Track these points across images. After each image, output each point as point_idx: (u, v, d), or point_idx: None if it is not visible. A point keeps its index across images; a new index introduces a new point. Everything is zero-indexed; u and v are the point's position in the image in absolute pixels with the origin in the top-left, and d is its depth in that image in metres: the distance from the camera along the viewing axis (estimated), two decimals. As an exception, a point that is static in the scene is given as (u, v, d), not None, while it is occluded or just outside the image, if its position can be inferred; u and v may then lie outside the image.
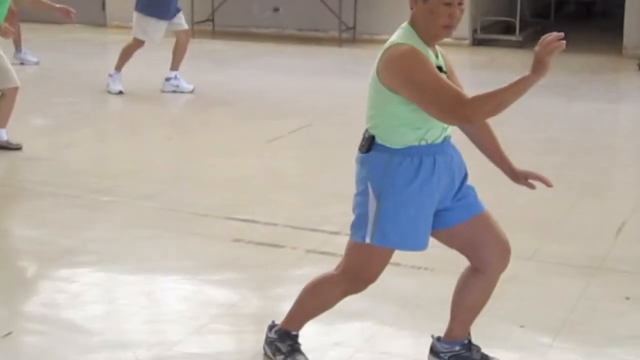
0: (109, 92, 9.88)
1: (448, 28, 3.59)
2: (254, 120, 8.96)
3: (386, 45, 3.65)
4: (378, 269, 3.83)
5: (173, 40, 10.12)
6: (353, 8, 13.56)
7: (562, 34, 3.39)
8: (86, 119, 9.08)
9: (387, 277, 3.98)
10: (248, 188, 6.78)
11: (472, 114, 3.50)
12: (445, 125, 3.66)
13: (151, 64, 10.73)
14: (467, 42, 13.34)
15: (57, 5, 8.11)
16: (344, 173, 6.84)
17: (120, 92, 9.86)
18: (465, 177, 3.85)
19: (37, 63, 11.67)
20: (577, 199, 6.65)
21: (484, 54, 13.11)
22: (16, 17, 11.69)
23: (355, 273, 3.85)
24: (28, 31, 13.22)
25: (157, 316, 4.72)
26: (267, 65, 12.03)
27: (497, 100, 3.48)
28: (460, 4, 3.60)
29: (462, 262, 3.97)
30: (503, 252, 3.85)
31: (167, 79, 10.09)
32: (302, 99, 9.95)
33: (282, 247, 5.60)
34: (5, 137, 7.68)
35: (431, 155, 3.67)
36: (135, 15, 9.90)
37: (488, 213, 3.86)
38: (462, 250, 3.91)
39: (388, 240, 3.72)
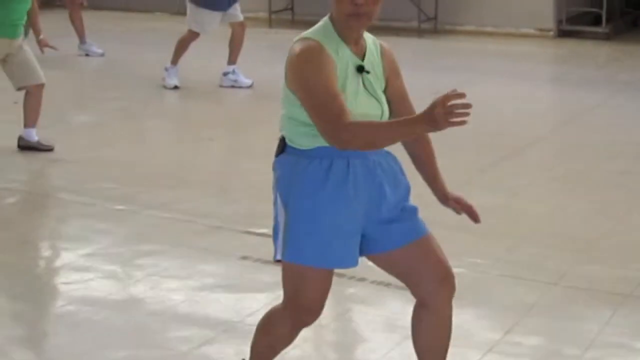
0: (165, 87, 9.56)
1: (354, 17, 3.13)
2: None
3: (295, 38, 3.21)
4: (315, 294, 3.34)
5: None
6: (435, -4, 12.92)
7: (469, 104, 2.88)
8: (132, 117, 8.79)
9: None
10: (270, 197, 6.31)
11: (348, 140, 3.06)
12: None
13: (215, 55, 10.32)
14: (551, 33, 12.56)
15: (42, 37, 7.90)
16: None
17: (176, 87, 9.54)
18: (404, 193, 3.36)
19: (102, 55, 11.44)
20: (626, 212, 6.00)
21: (568, 47, 12.30)
22: (77, 7, 11.55)
23: (294, 302, 3.38)
24: (101, 20, 13.12)
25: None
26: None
27: (378, 135, 3.06)
28: None
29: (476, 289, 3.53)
30: (442, 278, 3.37)
31: (225, 74, 9.73)
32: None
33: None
34: (35, 138, 7.43)
35: (344, 157, 3.20)
36: (189, 6, 9.59)
37: (428, 238, 3.37)
38: (401, 279, 3.46)
39: (302, 256, 3.25)
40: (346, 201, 3.23)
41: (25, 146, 7.43)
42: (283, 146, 3.29)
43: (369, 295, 4.80)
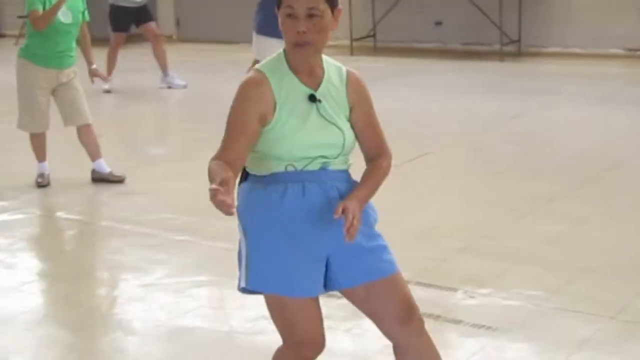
0: None
1: (298, 46, 3.09)
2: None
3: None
4: (305, 324, 3.26)
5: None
6: (517, 19, 12.66)
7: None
8: (207, 149, 8.71)
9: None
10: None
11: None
12: (327, 153, 3.16)
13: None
14: None
15: (93, 66, 7.89)
16: (441, 210, 6.48)
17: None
18: (369, 222, 3.27)
19: (184, 87, 11.55)
20: None
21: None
22: (160, 40, 11.69)
23: (288, 337, 3.31)
24: (187, 52, 13.27)
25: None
26: (419, 82, 11.40)
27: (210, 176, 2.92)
28: (311, 16, 3.05)
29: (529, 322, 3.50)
30: (404, 319, 3.25)
31: None
32: (438, 121, 9.29)
33: (333, 296, 5.03)
34: (107, 169, 7.53)
35: (300, 182, 3.15)
36: (254, 36, 9.58)
37: (392, 277, 3.25)
38: (369, 318, 3.35)
39: (264, 284, 3.19)
40: (301, 228, 3.16)
41: (98, 178, 7.53)
42: (245, 174, 3.26)
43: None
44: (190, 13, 15.58)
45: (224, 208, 2.74)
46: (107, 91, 11.46)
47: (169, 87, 11.51)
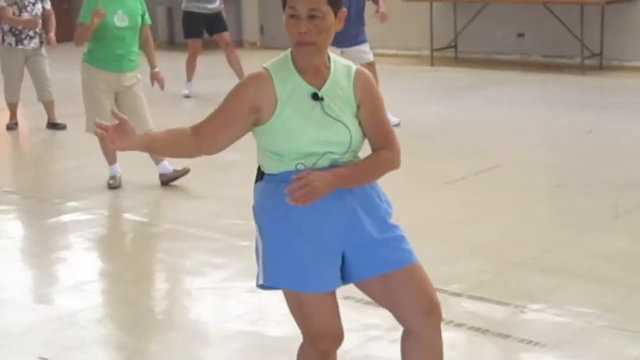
0: None
1: (299, 46, 3.20)
2: (444, 158, 8.34)
3: None
4: (321, 319, 3.37)
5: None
6: (600, 32, 12.47)
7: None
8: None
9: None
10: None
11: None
12: (334, 150, 3.24)
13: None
14: None
15: (155, 69, 7.95)
16: (501, 223, 6.44)
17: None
18: (383, 218, 3.34)
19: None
20: None
21: None
22: (232, 48, 11.81)
23: (306, 331, 3.42)
24: (267, 59, 13.34)
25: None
26: (498, 94, 11.27)
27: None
28: (312, 17, 3.14)
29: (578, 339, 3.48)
30: (426, 310, 3.33)
31: None
32: (513, 134, 9.17)
33: (378, 307, 5.03)
34: (170, 168, 7.63)
35: None
36: None
37: (411, 267, 3.32)
38: (386, 308, 3.45)
39: (279, 280, 3.31)
40: (314, 224, 3.24)
41: (166, 180, 7.65)
42: (261, 174, 3.36)
43: (464, 342, 4.65)
44: (275, 20, 15.68)
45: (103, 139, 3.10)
46: (187, 96, 11.63)
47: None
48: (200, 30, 11.83)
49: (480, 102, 10.81)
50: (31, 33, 10.01)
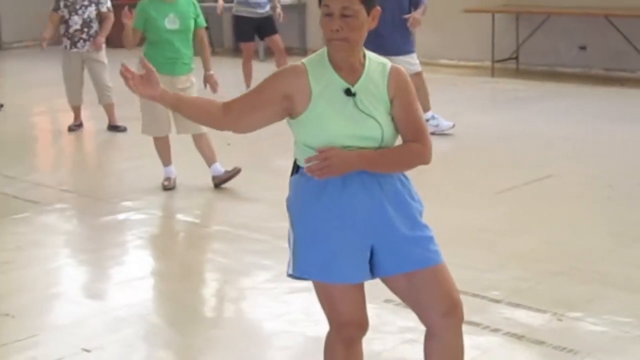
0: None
1: (332, 43, 3.31)
2: (497, 168, 8.35)
3: None
4: (346, 308, 3.48)
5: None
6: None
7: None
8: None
9: None
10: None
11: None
12: (366, 145, 3.34)
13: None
14: None
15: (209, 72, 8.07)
16: (545, 232, 6.49)
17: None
18: (413, 215, 3.42)
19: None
20: None
21: None
22: (283, 52, 11.93)
23: (332, 319, 3.54)
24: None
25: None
26: (557, 107, 11.20)
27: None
28: (344, 15, 3.25)
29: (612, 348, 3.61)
30: (448, 311, 3.41)
31: (426, 120, 9.72)
32: (569, 145, 9.12)
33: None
34: (222, 170, 7.77)
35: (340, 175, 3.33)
36: None
37: (436, 268, 3.40)
38: (409, 306, 3.56)
39: (306, 271, 3.44)
40: (342, 217, 3.35)
41: (219, 182, 7.77)
42: (296, 166, 3.47)
43: (498, 347, 4.70)
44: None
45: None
46: None
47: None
48: (252, 34, 11.98)
49: (539, 114, 10.77)
50: (84, 36, 10.18)
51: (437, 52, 14.44)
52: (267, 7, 11.85)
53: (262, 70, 12.73)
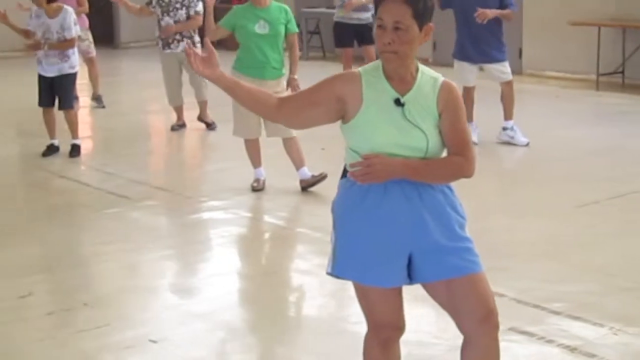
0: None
1: (384, 55, 3.46)
2: (583, 181, 8.29)
3: None
4: (383, 310, 3.63)
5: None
6: None
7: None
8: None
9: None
10: (503, 255, 6.28)
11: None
12: (411, 154, 3.45)
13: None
14: None
15: (294, 76, 8.10)
16: (621, 248, 6.52)
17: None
18: (452, 226, 3.51)
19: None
20: None
21: None
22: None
23: (369, 319, 3.70)
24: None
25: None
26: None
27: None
28: (397, 28, 3.40)
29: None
30: (482, 319, 3.51)
31: (504, 129, 9.78)
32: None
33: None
34: (309, 174, 7.96)
35: (382, 182, 3.46)
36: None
37: (472, 277, 3.49)
38: (447, 312, 3.64)
39: (344, 271, 3.58)
40: (381, 224, 3.47)
41: (306, 186, 7.95)
42: (345, 171, 3.62)
43: (549, 358, 4.74)
44: (447, 37, 15.82)
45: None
46: None
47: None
48: (351, 40, 12.09)
49: (629, 128, 10.64)
50: (178, 37, 10.45)
51: (543, 64, 14.38)
52: (369, 14, 11.97)
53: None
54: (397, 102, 3.47)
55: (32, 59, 9.84)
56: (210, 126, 10.74)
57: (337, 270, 3.61)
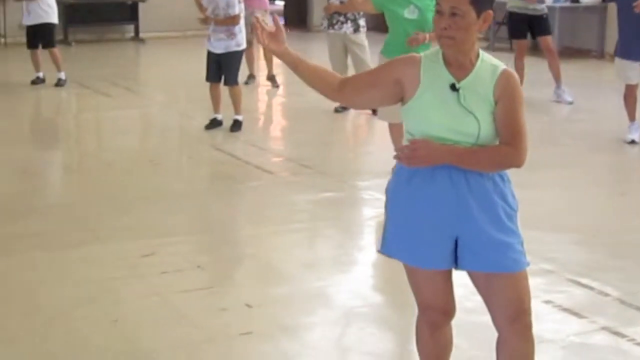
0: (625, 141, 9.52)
1: (441, 39, 3.52)
2: None
3: None
4: (429, 291, 3.70)
5: None
6: None
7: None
8: (571, 164, 8.86)
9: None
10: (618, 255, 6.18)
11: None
12: (462, 140, 3.51)
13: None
14: None
15: None
16: None
17: (633, 142, 9.45)
18: (498, 216, 3.53)
19: (571, 103, 11.58)
20: None
21: None
22: (554, 54, 11.79)
23: (417, 301, 3.78)
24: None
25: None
26: None
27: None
28: (453, 14, 3.43)
29: None
30: (513, 318, 3.56)
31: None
32: None
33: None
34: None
35: (430, 167, 3.52)
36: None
37: (512, 275, 3.53)
38: (485, 304, 3.68)
39: (392, 250, 3.69)
40: (426, 205, 3.53)
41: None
42: None
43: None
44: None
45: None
46: (570, 103, 11.67)
47: (557, 101, 11.64)
48: (524, 32, 11.91)
49: None
50: (342, 18, 10.60)
51: None
52: (543, 5, 11.79)
53: (535, 66, 12.83)
54: (453, 88, 3.52)
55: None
56: (375, 112, 10.84)
57: (386, 249, 3.72)
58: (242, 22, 9.74)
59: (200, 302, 5.31)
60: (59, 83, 12.42)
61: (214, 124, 9.96)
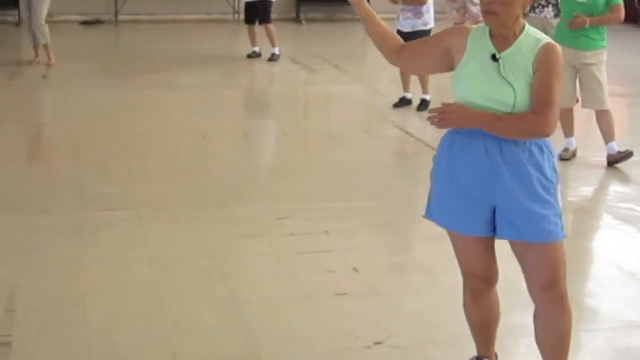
0: None
1: (486, 15, 3.64)
2: None
3: None
4: (468, 259, 3.85)
5: None
6: None
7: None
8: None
9: None
10: None
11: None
12: (498, 108, 3.61)
13: None
14: None
15: None
16: None
17: None
18: (531, 185, 3.61)
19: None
20: None
21: None
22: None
23: (460, 266, 3.94)
24: None
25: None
26: None
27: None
28: None
29: None
30: (544, 287, 3.67)
31: None
32: None
33: None
34: (615, 149, 7.92)
35: (465, 134, 3.66)
36: None
37: (546, 245, 3.62)
38: (522, 271, 3.82)
39: (432, 214, 3.85)
40: (462, 172, 3.68)
41: (612, 161, 7.92)
42: None
43: None
44: None
45: None
46: None
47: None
48: None
49: None
50: (543, 2, 10.40)
51: None
52: None
53: None
54: (493, 58, 3.65)
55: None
56: None
57: (428, 214, 3.89)
58: (430, 1, 9.87)
59: (311, 264, 5.56)
60: (272, 58, 12.98)
61: (403, 102, 10.15)
